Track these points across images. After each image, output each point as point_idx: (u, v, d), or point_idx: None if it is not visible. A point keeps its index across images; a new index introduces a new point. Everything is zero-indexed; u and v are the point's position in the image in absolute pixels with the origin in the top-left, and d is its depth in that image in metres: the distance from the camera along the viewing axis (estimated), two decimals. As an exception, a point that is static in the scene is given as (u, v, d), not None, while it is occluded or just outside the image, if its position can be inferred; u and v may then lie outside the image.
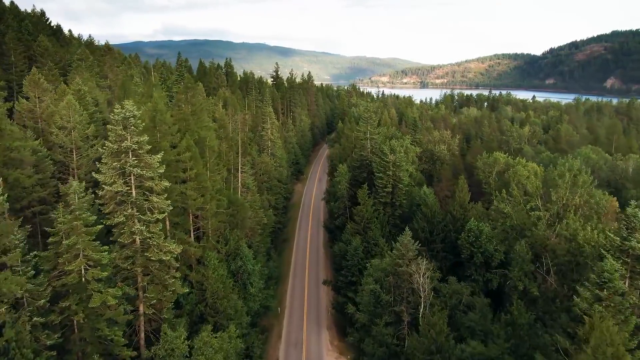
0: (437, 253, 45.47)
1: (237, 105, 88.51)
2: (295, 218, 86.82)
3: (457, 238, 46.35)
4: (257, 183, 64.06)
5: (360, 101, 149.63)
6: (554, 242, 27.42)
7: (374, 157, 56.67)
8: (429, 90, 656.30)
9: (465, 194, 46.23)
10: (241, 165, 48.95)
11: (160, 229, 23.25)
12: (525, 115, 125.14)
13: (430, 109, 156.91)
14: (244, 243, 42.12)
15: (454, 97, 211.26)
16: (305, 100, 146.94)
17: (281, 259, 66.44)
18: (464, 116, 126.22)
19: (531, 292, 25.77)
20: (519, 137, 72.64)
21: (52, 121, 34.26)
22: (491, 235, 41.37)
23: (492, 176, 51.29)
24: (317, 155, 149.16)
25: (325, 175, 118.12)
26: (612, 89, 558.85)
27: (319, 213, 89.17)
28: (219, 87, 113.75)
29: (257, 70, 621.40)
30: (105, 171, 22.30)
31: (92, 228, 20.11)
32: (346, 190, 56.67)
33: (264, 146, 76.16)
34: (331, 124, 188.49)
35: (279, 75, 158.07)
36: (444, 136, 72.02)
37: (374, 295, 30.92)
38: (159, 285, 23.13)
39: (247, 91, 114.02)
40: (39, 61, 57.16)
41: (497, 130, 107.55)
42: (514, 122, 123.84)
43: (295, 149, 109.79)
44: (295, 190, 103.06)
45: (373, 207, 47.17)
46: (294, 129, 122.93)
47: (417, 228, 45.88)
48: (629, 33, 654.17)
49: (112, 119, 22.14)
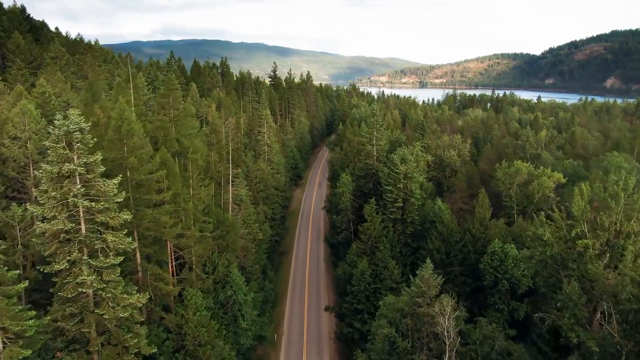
0: (455, 277, 40.01)
1: (231, 107, 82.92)
2: (294, 227, 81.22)
3: (478, 260, 40.91)
4: (252, 193, 58.51)
5: (361, 102, 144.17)
6: (612, 282, 22.29)
7: (380, 165, 51.18)
8: (429, 90, 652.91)
9: (486, 210, 40.79)
10: (232, 177, 43.38)
11: (119, 274, 17.75)
12: (534, 117, 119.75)
13: (433, 109, 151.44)
14: (235, 268, 36.59)
15: (456, 97, 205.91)
16: (304, 101, 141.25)
17: (279, 276, 60.91)
18: (469, 118, 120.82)
19: (587, 347, 20.57)
20: (536, 142, 67.26)
21: (4, 130, 28.71)
22: (518, 258, 35.97)
23: (513, 188, 45.91)
24: (316, 157, 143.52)
25: (325, 180, 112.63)
26: (612, 89, 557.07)
27: (319, 222, 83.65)
28: (214, 87, 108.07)
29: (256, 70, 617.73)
30: (44, 201, 16.88)
31: (12, 288, 14.50)
32: (350, 203, 51.18)
33: (260, 151, 70.58)
34: (331, 125, 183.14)
35: (277, 75, 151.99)
36: (454, 141, 66.56)
37: (389, 342, 25.59)
38: (117, 347, 17.71)
39: (244, 92, 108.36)
40: (10, 59, 51.48)
41: (506, 133, 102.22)
42: (522, 124, 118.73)
43: (294, 153, 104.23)
44: (294, 197, 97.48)
45: (382, 224, 41.71)
46: (293, 132, 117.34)
47: (432, 248, 40.42)
48: (629, 33, 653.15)
49: (52, 133, 16.68)
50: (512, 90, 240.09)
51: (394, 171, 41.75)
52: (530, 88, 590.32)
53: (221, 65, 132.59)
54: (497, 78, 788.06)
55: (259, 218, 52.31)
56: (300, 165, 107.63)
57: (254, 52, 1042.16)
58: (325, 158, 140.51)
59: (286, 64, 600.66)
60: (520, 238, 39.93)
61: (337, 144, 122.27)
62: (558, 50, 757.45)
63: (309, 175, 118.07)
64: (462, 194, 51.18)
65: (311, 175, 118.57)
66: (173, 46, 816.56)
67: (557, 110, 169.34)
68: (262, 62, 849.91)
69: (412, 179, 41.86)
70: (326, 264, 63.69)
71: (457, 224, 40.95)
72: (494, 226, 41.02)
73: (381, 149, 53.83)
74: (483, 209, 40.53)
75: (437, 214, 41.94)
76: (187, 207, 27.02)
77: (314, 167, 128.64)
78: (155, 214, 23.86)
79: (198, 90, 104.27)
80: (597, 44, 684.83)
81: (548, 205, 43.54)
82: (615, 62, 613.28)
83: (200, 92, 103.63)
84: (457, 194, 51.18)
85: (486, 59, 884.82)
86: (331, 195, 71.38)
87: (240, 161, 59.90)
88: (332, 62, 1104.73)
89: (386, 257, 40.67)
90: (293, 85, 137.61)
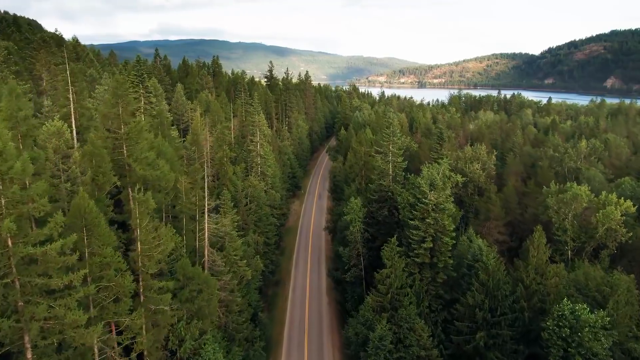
0: (504, 343, 30.31)
1: (220, 111, 72.90)
2: (291, 249, 71.25)
3: (533, 320, 31.21)
4: (241, 218, 48.54)
5: (363, 104, 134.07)
6: None
7: (398, 187, 41.39)
8: (428, 90, 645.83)
9: (542, 253, 31.10)
10: (213, 207, 33.50)
11: None
12: (550, 121, 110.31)
13: (440, 112, 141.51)
14: (210, 340, 26.70)
15: (460, 97, 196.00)
16: (302, 102, 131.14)
17: (272, 315, 50.90)
18: (481, 121, 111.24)
19: None
20: (576, 155, 57.49)
21: None
22: (596, 326, 26.36)
23: (568, 219, 36.34)
24: (315, 163, 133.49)
25: (325, 190, 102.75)
26: (613, 89, 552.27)
27: (319, 242, 73.66)
28: (203, 89, 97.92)
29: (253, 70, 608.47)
30: None
31: None
32: (360, 233, 41.38)
33: (252, 164, 60.66)
34: (330, 127, 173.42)
35: (273, 75, 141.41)
36: (478, 153, 56.91)
37: None
38: None
39: (236, 94, 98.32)
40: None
41: (527, 140, 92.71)
42: (539, 129, 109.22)
43: (291, 161, 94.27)
44: (292, 211, 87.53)
45: (405, 271, 31.97)
46: (290, 137, 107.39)
47: (473, 304, 30.72)
48: (628, 32, 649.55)
49: None
50: (513, 90, 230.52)
51: (421, 201, 31.98)
52: (530, 88, 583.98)
53: (213, 65, 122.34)
54: (496, 78, 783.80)
55: (248, 252, 42.38)
56: (298, 174, 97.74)
57: (252, 52, 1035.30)
58: (325, 164, 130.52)
59: (284, 63, 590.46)
60: (587, 290, 30.41)
61: (339, 151, 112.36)
62: (557, 50, 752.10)
63: (308, 184, 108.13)
64: (498, 222, 41.47)
65: (310, 184, 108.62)
66: (170, 46, 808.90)
67: (569, 112, 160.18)
68: (259, 62, 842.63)
69: (444, 211, 32.11)
70: (328, 296, 53.87)
71: (505, 272, 31.17)
72: (552, 273, 31.32)
73: (399, 165, 44.07)
74: (539, 251, 30.84)
75: (477, 257, 32.24)
76: (125, 283, 17.15)
77: (313, 175, 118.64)
78: (58, 306, 14.04)
79: (185, 92, 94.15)
80: (596, 43, 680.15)
81: (616, 242, 33.91)
82: (615, 62, 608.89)
83: (188, 94, 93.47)
84: (492, 222, 41.47)
85: (485, 59, 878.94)
86: (334, 215, 61.46)
87: (226, 179, 49.95)
88: (330, 62, 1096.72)
89: (412, 315, 30.88)
90: (290, 85, 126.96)
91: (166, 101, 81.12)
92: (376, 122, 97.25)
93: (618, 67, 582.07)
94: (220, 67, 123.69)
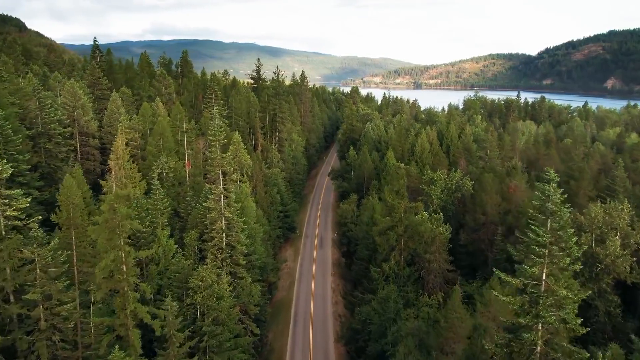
0: None
1: (168, 133, 46.55)
2: (281, 349, 44.85)
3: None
4: None
5: (373, 113, 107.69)
6: None
7: None
8: (424, 91, 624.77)
9: None
10: None
11: None
12: (614, 134, 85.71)
13: (462, 119, 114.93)
14: None
15: (479, 100, 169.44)
16: (297, 110, 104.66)
17: None
18: (528, 136, 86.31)
19: None
20: None
21: None
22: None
23: None
24: (314, 184, 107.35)
25: (328, 230, 77.19)
26: (613, 90, 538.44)
27: (326, 330, 47.24)
28: (161, 95, 71.30)
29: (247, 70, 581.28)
30: None
31: None
32: None
33: (212, 232, 34.51)
34: (330, 136, 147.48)
35: (261, 75, 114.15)
36: (614, 216, 31.92)
37: None
38: None
39: (205, 101, 71.76)
40: None
41: (600, 162, 67.91)
42: (602, 144, 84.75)
43: (282, 194, 68.24)
44: (283, 271, 61.22)
45: None
46: (281, 157, 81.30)
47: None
48: (627, 32, 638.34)
49: None
50: (511, 91, 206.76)
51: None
52: (528, 89, 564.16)
53: (182, 63, 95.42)
54: (493, 79, 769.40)
55: None
56: (291, 211, 71.73)
57: (245, 52, 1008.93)
58: (325, 185, 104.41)
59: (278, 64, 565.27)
60: None
61: (342, 175, 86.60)
62: (555, 50, 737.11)
63: (305, 219, 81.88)
64: None
65: (308, 219, 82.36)
66: (163, 46, 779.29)
67: (611, 117, 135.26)
68: (253, 62, 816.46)
69: None
70: None
71: None
72: None
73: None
74: None
75: None
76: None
77: (311, 202, 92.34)
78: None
79: (135, 101, 67.45)
80: (594, 44, 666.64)
81: None
82: (615, 62, 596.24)
83: (138, 103, 67.13)
84: None
85: (481, 59, 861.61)
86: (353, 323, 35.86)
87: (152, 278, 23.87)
88: (324, 62, 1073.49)
89: None
90: (282, 89, 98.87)
91: (95, 116, 54.53)
92: (397, 140, 71.25)
93: (618, 68, 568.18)
94: (191, 66, 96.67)
